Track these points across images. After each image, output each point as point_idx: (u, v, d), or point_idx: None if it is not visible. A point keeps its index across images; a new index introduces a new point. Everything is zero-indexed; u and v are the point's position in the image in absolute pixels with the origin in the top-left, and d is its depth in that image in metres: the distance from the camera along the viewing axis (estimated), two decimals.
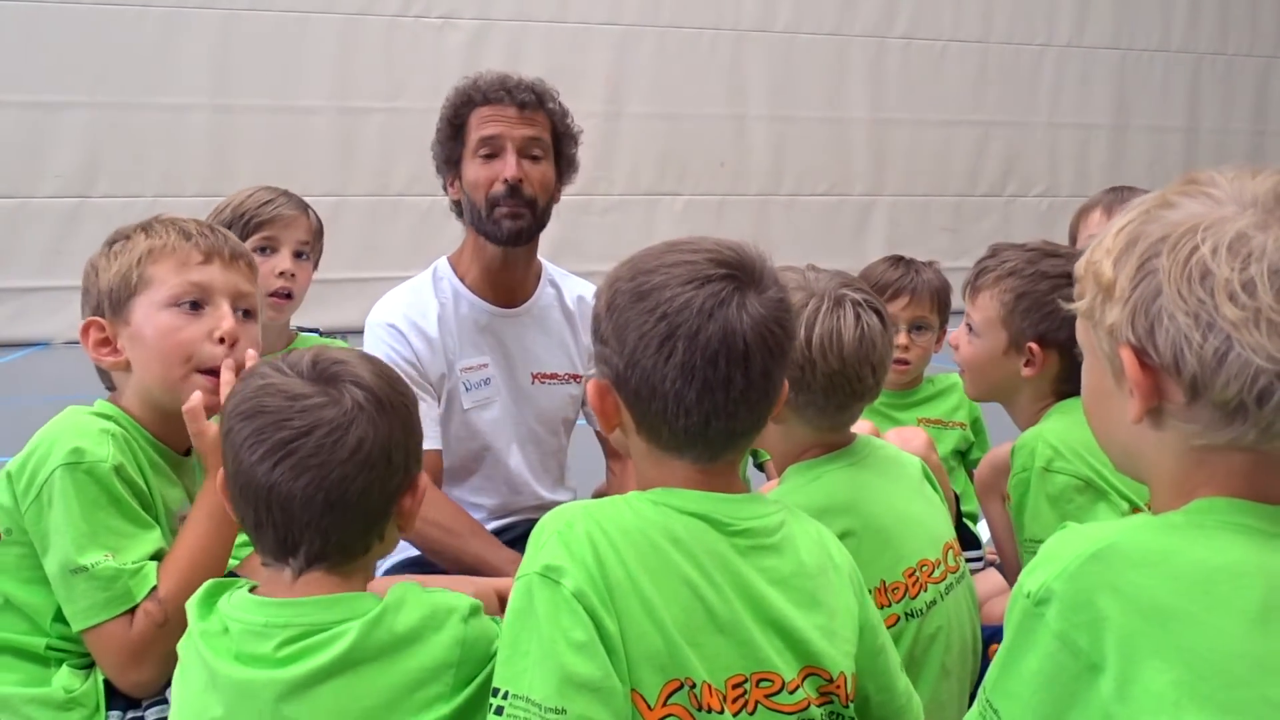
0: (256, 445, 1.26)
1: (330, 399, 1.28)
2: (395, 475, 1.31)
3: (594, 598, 1.18)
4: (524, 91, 2.43)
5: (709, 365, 1.24)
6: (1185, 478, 1.04)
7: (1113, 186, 3.10)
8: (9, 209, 8.34)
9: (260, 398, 1.29)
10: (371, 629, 1.24)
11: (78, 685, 1.56)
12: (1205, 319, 0.96)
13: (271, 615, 1.26)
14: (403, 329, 2.44)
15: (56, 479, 1.53)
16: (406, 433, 1.33)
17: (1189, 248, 0.98)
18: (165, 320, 1.68)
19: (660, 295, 1.26)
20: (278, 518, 1.27)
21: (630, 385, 1.28)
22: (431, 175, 2.57)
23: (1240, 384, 0.95)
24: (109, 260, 1.69)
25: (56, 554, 1.54)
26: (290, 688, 1.22)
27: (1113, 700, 0.94)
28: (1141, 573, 0.97)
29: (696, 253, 1.29)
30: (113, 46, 8.45)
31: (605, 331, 1.31)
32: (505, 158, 2.40)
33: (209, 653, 1.27)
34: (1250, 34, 11.22)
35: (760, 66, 9.92)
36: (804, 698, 1.24)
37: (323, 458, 1.25)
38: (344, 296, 7.04)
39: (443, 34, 9.13)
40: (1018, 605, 1.02)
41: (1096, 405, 1.14)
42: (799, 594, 1.28)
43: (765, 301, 1.28)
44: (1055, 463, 1.83)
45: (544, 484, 2.62)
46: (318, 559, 1.29)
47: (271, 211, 2.46)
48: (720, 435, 1.29)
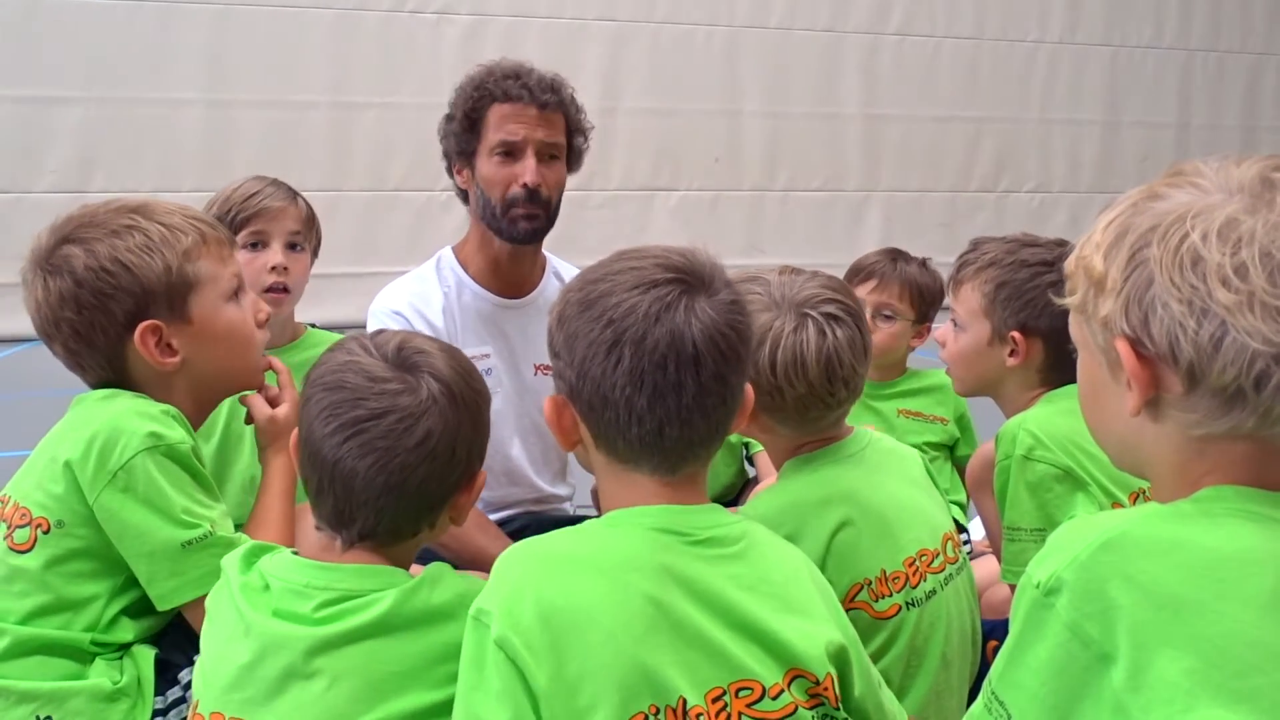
0: (330, 419, 1.31)
1: (407, 386, 1.32)
2: (457, 469, 1.36)
3: (519, 645, 1.15)
4: (545, 91, 2.39)
5: (658, 370, 1.22)
6: (1187, 469, 1.04)
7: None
8: (5, 204, 8.32)
9: (343, 373, 1.33)
10: (407, 598, 1.29)
11: (119, 677, 1.56)
12: (1199, 305, 0.96)
13: (313, 577, 1.32)
14: (407, 316, 2.43)
15: (139, 463, 1.53)
16: (475, 429, 1.38)
17: (1179, 235, 0.98)
18: (234, 312, 1.69)
19: (606, 302, 1.25)
20: (339, 490, 1.32)
21: (584, 396, 1.27)
22: (428, 170, 2.56)
23: (1237, 369, 0.95)
24: (142, 257, 1.60)
25: (156, 535, 1.54)
26: (323, 643, 1.27)
27: (1124, 690, 0.93)
28: (1153, 561, 0.96)
29: (644, 259, 1.28)
30: (108, 41, 8.42)
31: (558, 344, 1.30)
32: (525, 160, 2.38)
33: (247, 605, 1.32)
34: (1241, 31, 11.22)
35: (754, 62, 9.91)
36: (790, 702, 1.21)
37: (390, 442, 1.30)
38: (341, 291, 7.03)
39: (438, 29, 9.12)
40: (1026, 596, 1.01)
41: (1093, 401, 1.14)
42: (771, 599, 1.25)
43: (715, 304, 1.26)
44: (1036, 451, 1.83)
45: (544, 477, 2.62)
46: (369, 535, 1.34)
47: (258, 204, 2.38)
48: (677, 444, 1.26)
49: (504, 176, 2.39)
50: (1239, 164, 1.02)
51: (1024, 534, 1.85)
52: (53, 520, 1.56)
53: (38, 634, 1.55)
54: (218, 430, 2.25)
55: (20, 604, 1.56)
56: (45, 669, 1.55)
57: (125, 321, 1.61)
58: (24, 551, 1.57)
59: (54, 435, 1.63)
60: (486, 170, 2.41)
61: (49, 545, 1.56)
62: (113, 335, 1.62)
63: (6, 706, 1.52)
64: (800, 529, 1.57)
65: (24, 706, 1.52)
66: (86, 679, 1.55)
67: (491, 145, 2.39)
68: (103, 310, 1.60)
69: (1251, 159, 1.03)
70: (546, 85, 2.40)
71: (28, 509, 1.58)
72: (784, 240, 9.61)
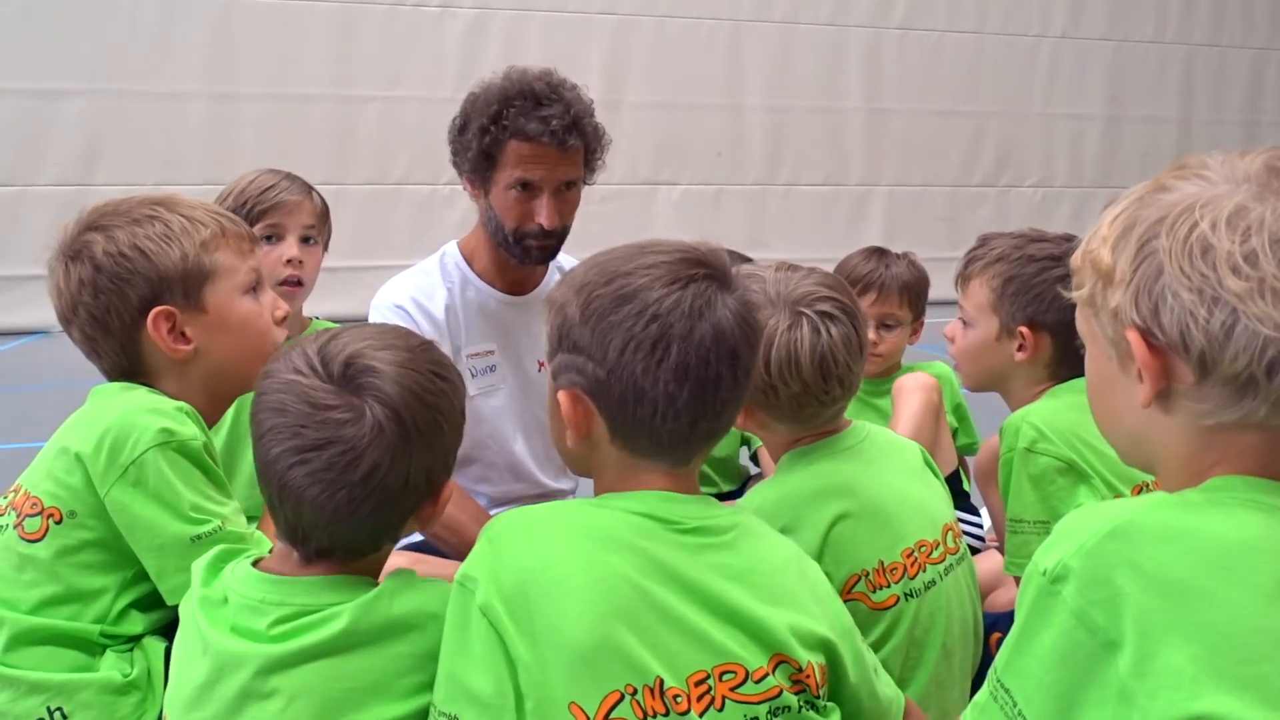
0: (273, 442, 1.25)
1: (351, 415, 1.23)
2: (413, 494, 1.28)
3: (502, 612, 1.16)
4: (568, 133, 2.30)
5: (702, 365, 1.23)
6: (1196, 459, 1.04)
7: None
8: (8, 197, 8.34)
9: (285, 394, 1.25)
10: (365, 612, 1.24)
11: (129, 669, 1.56)
12: (1209, 293, 0.96)
13: (268, 592, 1.27)
14: (410, 310, 2.43)
15: (150, 458, 1.53)
16: (432, 453, 1.28)
17: (1188, 225, 0.98)
18: (250, 306, 1.70)
19: (647, 297, 1.23)
20: (289, 511, 1.26)
21: (613, 393, 1.25)
22: (431, 163, 2.54)
23: (1249, 356, 0.95)
24: (160, 244, 1.62)
25: (166, 529, 1.54)
26: (277, 662, 1.22)
27: (1130, 677, 0.93)
28: (1160, 549, 0.96)
29: (669, 253, 1.28)
30: (111, 34, 8.44)
31: (580, 339, 1.27)
32: (542, 201, 2.33)
33: (204, 620, 1.28)
34: (1243, 25, 11.23)
35: (757, 56, 9.92)
36: (774, 685, 1.21)
37: (334, 475, 1.22)
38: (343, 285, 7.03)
39: (441, 22, 9.12)
40: (1032, 583, 1.01)
41: (1102, 395, 1.13)
42: (758, 589, 1.25)
43: (739, 299, 1.28)
44: (1039, 444, 1.83)
45: (547, 472, 2.62)
46: (325, 554, 1.29)
47: (274, 198, 2.39)
48: (702, 436, 1.28)
49: (519, 213, 2.35)
50: (1243, 156, 1.02)
51: (1027, 526, 1.85)
52: (65, 511, 1.57)
53: (47, 624, 1.56)
54: (226, 423, 2.26)
55: (29, 593, 1.56)
56: (54, 659, 1.55)
57: (140, 307, 1.62)
58: (35, 541, 1.57)
59: (68, 426, 1.63)
60: (501, 201, 2.36)
61: (60, 535, 1.57)
62: (127, 321, 1.63)
63: (17, 697, 1.52)
64: (797, 521, 1.58)
65: (35, 697, 1.52)
66: (97, 671, 1.55)
67: (506, 181, 2.33)
68: (119, 295, 1.62)
69: (1255, 151, 1.03)
70: (569, 124, 2.30)
71: (39, 499, 1.58)
72: (786, 234, 9.62)
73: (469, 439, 2.46)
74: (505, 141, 2.30)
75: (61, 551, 1.57)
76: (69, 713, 1.52)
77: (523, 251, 2.39)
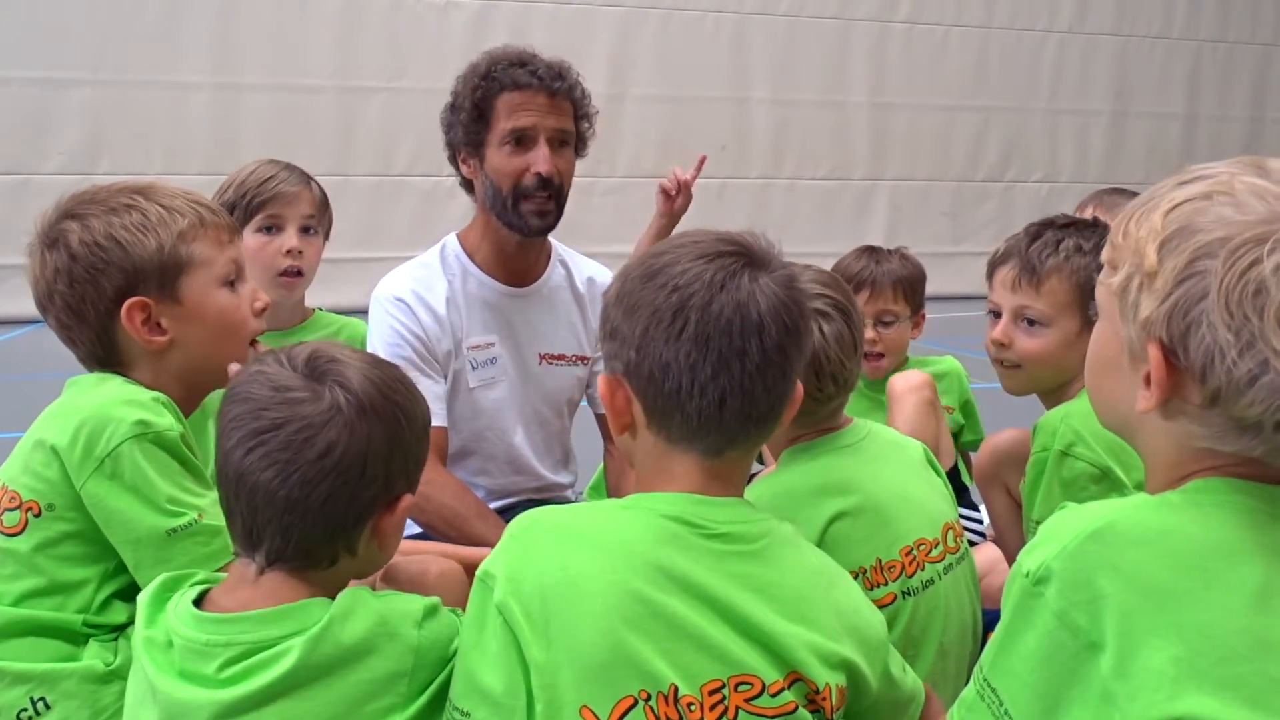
0: (234, 430, 1.24)
1: (312, 395, 1.23)
2: (369, 488, 1.25)
3: (518, 611, 1.16)
4: (554, 78, 2.36)
5: (723, 336, 1.22)
6: (1183, 463, 1.03)
7: (1111, 188, 3.03)
8: (12, 185, 8.34)
9: (249, 384, 1.26)
10: (315, 645, 1.19)
11: (112, 659, 1.55)
12: (1247, 338, 0.93)
13: (213, 633, 1.22)
14: (410, 303, 2.41)
15: (126, 450, 1.52)
16: (391, 446, 1.26)
17: (1249, 259, 0.93)
18: (227, 298, 1.68)
19: (670, 271, 1.25)
20: (244, 507, 1.24)
21: (643, 370, 1.25)
22: (434, 155, 2.50)
23: (1264, 407, 0.94)
24: (136, 234, 1.60)
25: (141, 522, 1.53)
26: (230, 708, 1.18)
27: (1112, 678, 0.93)
28: (1140, 551, 0.96)
29: (705, 236, 1.29)
30: (116, 24, 8.44)
31: (615, 319, 1.28)
32: (537, 149, 2.35)
33: (150, 665, 1.24)
34: (1251, 21, 11.21)
35: (763, 50, 9.91)
36: (790, 700, 1.20)
37: (289, 455, 1.21)
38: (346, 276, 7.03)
39: (446, 13, 9.12)
40: (1016, 584, 1.01)
41: (1102, 376, 1.12)
42: (780, 603, 1.23)
43: (777, 279, 1.26)
44: (1075, 447, 1.80)
45: (546, 465, 2.61)
46: (279, 558, 1.25)
47: (273, 189, 2.39)
48: (735, 418, 1.25)
49: (516, 166, 2.36)
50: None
51: None
52: (43, 504, 1.56)
53: (30, 615, 1.55)
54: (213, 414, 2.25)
55: (11, 587, 1.56)
56: (38, 650, 1.54)
57: (115, 297, 1.60)
58: (14, 535, 1.56)
59: (44, 418, 1.62)
60: (497, 160, 2.38)
61: (40, 529, 1.56)
62: (102, 310, 1.61)
63: (1, 688, 1.52)
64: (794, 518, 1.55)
65: (18, 688, 1.51)
66: (80, 660, 1.54)
67: (502, 134, 2.36)
68: (93, 284, 1.60)
69: None
70: (554, 71, 2.37)
71: (17, 493, 1.57)
72: (791, 228, 9.59)
73: (469, 431, 2.51)
74: (496, 95, 2.35)
75: (42, 545, 1.56)
76: (52, 702, 1.52)
77: (520, 218, 2.39)
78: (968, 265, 9.15)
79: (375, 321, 2.42)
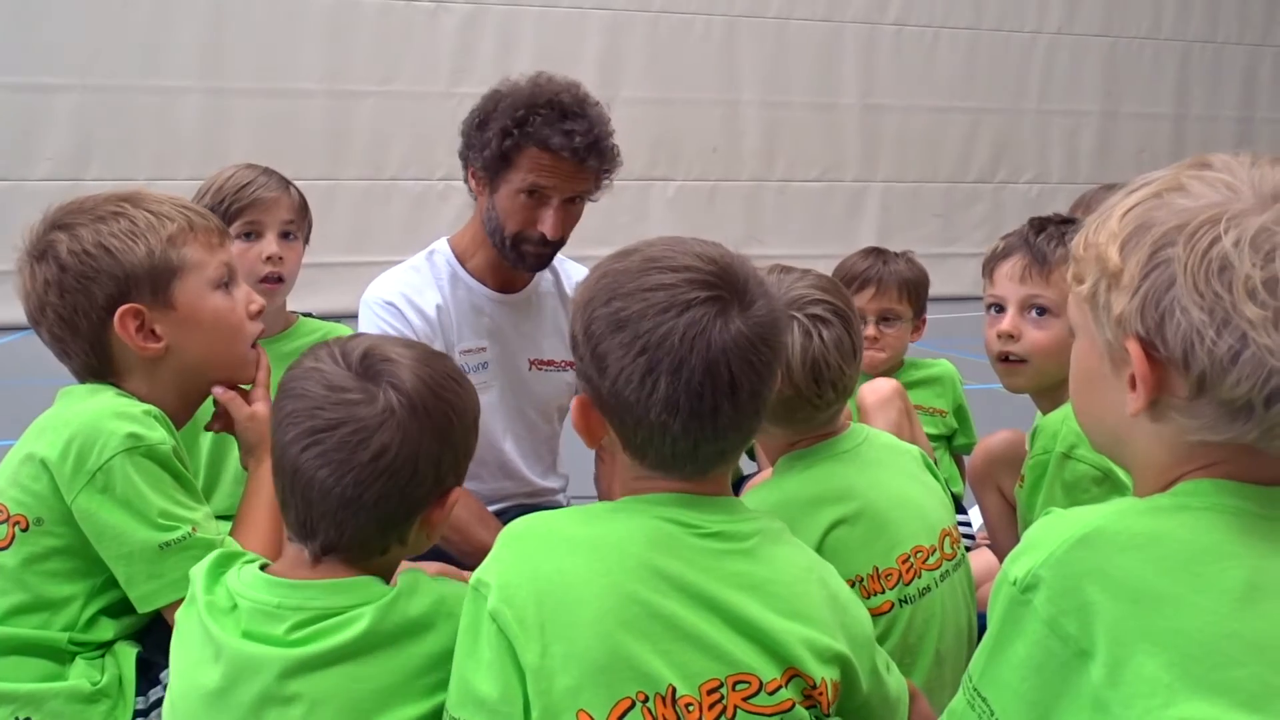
0: (290, 426, 1.27)
1: (366, 397, 1.26)
2: (420, 486, 1.29)
3: (511, 617, 1.16)
4: (589, 152, 2.31)
5: (695, 399, 1.20)
6: (1174, 467, 1.02)
7: (1104, 185, 3.04)
8: (1, 191, 8.31)
9: (305, 380, 1.29)
10: (386, 613, 1.25)
11: (98, 677, 1.54)
12: (1221, 315, 0.92)
13: (284, 596, 1.26)
14: (400, 307, 2.41)
15: (117, 464, 1.51)
16: (442, 445, 1.30)
17: (1209, 238, 0.93)
18: (222, 301, 1.67)
19: (639, 326, 1.20)
20: (299, 500, 1.27)
21: (615, 413, 1.25)
22: (425, 159, 2.52)
23: (1251, 384, 0.92)
24: (125, 241, 1.59)
25: (133, 536, 1.52)
26: (299, 665, 1.22)
27: (1104, 686, 0.92)
28: (1129, 556, 0.95)
29: (676, 273, 1.23)
30: (105, 29, 8.41)
31: (583, 353, 1.27)
32: (549, 211, 2.33)
33: (215, 626, 1.27)
34: (1239, 21, 11.24)
35: (752, 52, 9.91)
36: (787, 698, 1.20)
37: (344, 455, 1.24)
38: (337, 281, 7.01)
39: (435, 17, 9.10)
40: (1003, 592, 1.00)
41: (1087, 391, 1.10)
42: (774, 600, 1.23)
43: (749, 320, 1.22)
44: (1077, 450, 1.79)
45: (536, 471, 2.61)
46: (333, 549, 1.29)
47: (251, 195, 2.34)
48: (710, 456, 1.26)
49: (524, 218, 2.34)
50: (1274, 164, 0.98)
51: None
52: (31, 518, 1.54)
53: (14, 633, 1.53)
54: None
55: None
56: (23, 669, 1.52)
57: (107, 305, 1.59)
58: (1, 549, 1.54)
59: (34, 430, 1.60)
60: (507, 203, 2.35)
61: (27, 543, 1.54)
62: (95, 320, 1.59)
63: None
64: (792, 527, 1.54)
65: (3, 709, 1.50)
66: (66, 679, 1.53)
67: (518, 185, 2.33)
68: (85, 294, 1.59)
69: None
70: (591, 143, 2.31)
71: (4, 505, 1.56)
72: (782, 231, 9.62)
73: None
74: (525, 147, 2.29)
75: (29, 559, 1.54)
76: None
77: (518, 256, 2.39)
78: (959, 266, 9.18)
79: (365, 325, 2.40)
